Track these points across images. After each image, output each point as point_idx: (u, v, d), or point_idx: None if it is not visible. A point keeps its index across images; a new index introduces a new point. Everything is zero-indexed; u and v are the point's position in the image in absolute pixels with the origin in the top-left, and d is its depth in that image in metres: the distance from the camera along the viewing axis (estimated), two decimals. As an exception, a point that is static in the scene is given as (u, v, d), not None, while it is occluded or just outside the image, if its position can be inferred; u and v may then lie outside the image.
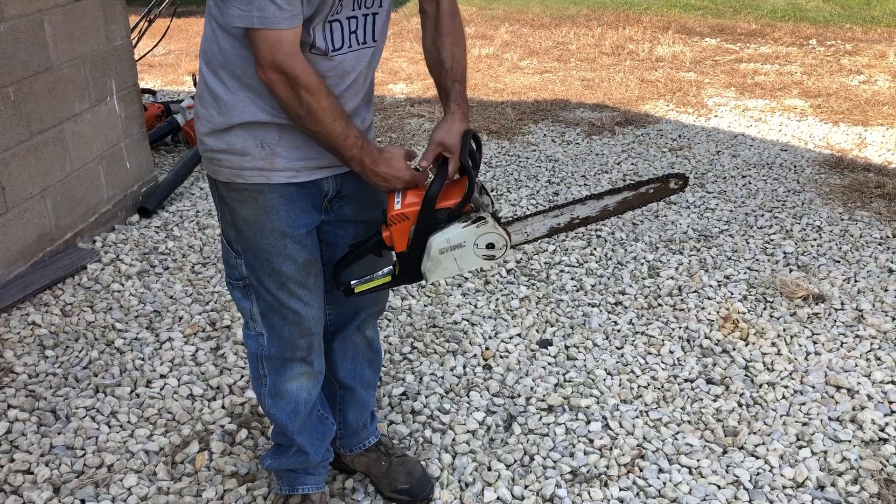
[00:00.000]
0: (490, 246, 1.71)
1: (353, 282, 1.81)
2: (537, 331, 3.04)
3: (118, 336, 2.89)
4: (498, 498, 2.20)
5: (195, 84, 5.50)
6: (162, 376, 2.67)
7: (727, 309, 3.18)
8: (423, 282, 1.76)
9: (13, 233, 3.21)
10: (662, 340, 2.98)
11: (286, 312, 1.79)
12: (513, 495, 2.22)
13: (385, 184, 1.69)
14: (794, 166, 4.80)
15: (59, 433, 2.38)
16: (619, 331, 3.05)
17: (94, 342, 2.86)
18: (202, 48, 1.64)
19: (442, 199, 1.68)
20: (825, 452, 2.39)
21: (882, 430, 2.49)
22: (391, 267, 1.82)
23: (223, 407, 2.54)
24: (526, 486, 2.25)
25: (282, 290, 1.77)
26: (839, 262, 3.59)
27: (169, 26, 5.93)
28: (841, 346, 2.95)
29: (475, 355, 2.86)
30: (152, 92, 6.16)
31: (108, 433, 2.38)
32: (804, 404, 2.62)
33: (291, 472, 2.03)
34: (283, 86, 1.52)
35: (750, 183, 4.54)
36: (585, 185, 4.53)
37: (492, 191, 4.43)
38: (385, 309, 2.09)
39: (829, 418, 2.55)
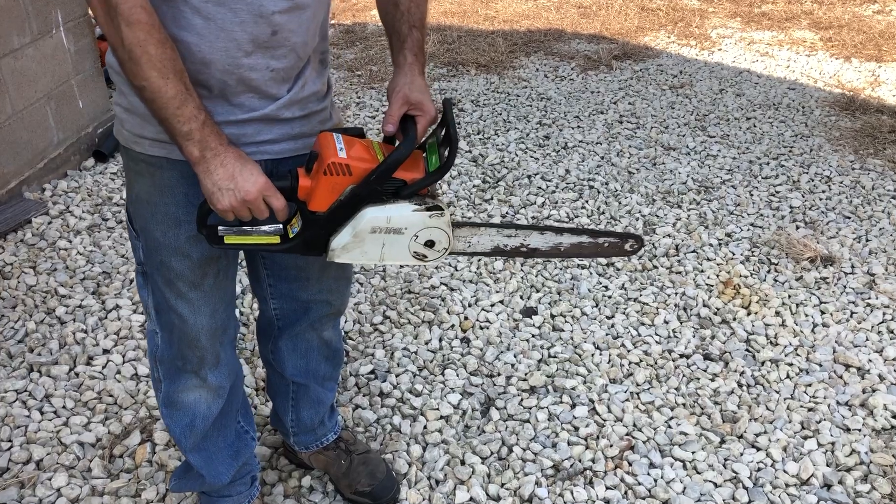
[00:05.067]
0: (429, 244, 1.41)
1: (221, 227, 1.37)
2: (521, 297, 2.78)
3: (60, 303, 2.63)
4: (471, 498, 1.99)
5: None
6: (105, 351, 2.42)
7: (728, 272, 2.93)
8: (325, 259, 1.39)
9: (-54, 184, 2.91)
10: (657, 309, 2.74)
11: (172, 316, 1.51)
12: (487, 495, 2.00)
13: (216, 191, 1.26)
14: (803, 107, 4.49)
15: (-17, 422, 2.14)
16: (609, 297, 2.80)
17: (34, 310, 2.59)
18: None
19: (400, 168, 1.35)
20: (832, 444, 2.18)
21: (895, 416, 2.27)
22: (281, 226, 1.40)
23: (172, 387, 2.30)
24: (502, 485, 2.03)
25: (169, 287, 1.48)
26: (849, 217, 3.33)
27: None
28: (850, 316, 2.71)
29: (453, 326, 2.62)
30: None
31: (39, 421, 2.14)
32: (810, 385, 2.40)
33: (205, 495, 1.80)
34: (102, 15, 1.16)
35: (755, 126, 4.24)
36: (579, 126, 4.21)
37: (478, 133, 4.12)
38: (343, 311, 1.81)
39: (838, 402, 2.33)
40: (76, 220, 3.14)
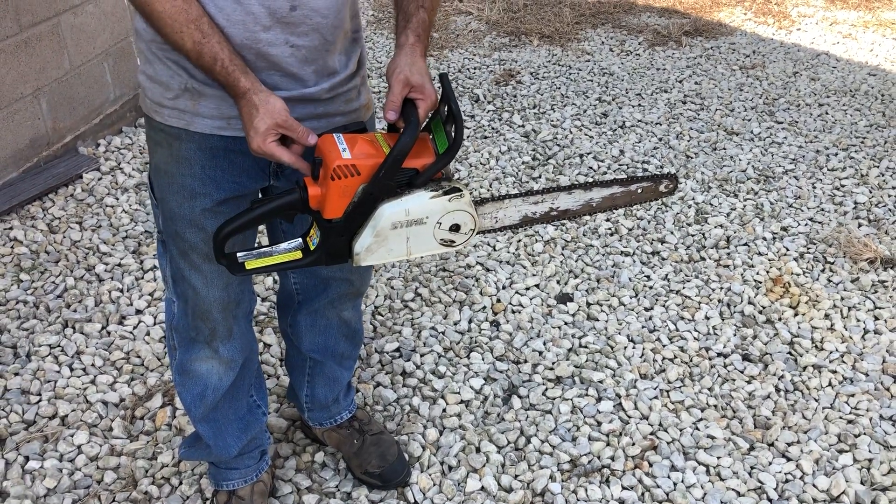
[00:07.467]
0: (455, 228, 1.35)
1: (240, 254, 1.36)
2: (558, 282, 2.72)
3: (100, 261, 2.68)
4: (482, 488, 1.96)
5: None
6: (138, 312, 2.46)
7: (779, 269, 2.80)
8: (350, 264, 1.36)
9: (1, 137, 2.98)
10: (699, 303, 2.64)
11: (185, 287, 1.52)
12: (499, 485, 1.97)
13: (262, 123, 1.26)
14: (882, 95, 4.23)
15: (15, 374, 2.20)
16: (650, 288, 2.71)
17: (75, 266, 2.65)
18: None
19: (409, 156, 1.30)
20: (869, 461, 2.07)
21: (942, 436, 2.15)
22: (300, 240, 1.38)
23: (199, 352, 2.32)
24: (516, 476, 1.99)
25: (183, 258, 1.49)
26: (919, 217, 3.14)
27: None
28: (907, 324, 2.56)
29: (484, 308, 2.57)
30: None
31: (68, 377, 2.19)
32: (853, 396, 2.28)
33: (214, 466, 1.81)
34: None
35: (827, 113, 4.02)
36: (640, 105, 4.07)
37: (533, 107, 4.02)
38: (364, 292, 1.79)
39: (881, 417, 2.21)
40: (125, 178, 3.19)
